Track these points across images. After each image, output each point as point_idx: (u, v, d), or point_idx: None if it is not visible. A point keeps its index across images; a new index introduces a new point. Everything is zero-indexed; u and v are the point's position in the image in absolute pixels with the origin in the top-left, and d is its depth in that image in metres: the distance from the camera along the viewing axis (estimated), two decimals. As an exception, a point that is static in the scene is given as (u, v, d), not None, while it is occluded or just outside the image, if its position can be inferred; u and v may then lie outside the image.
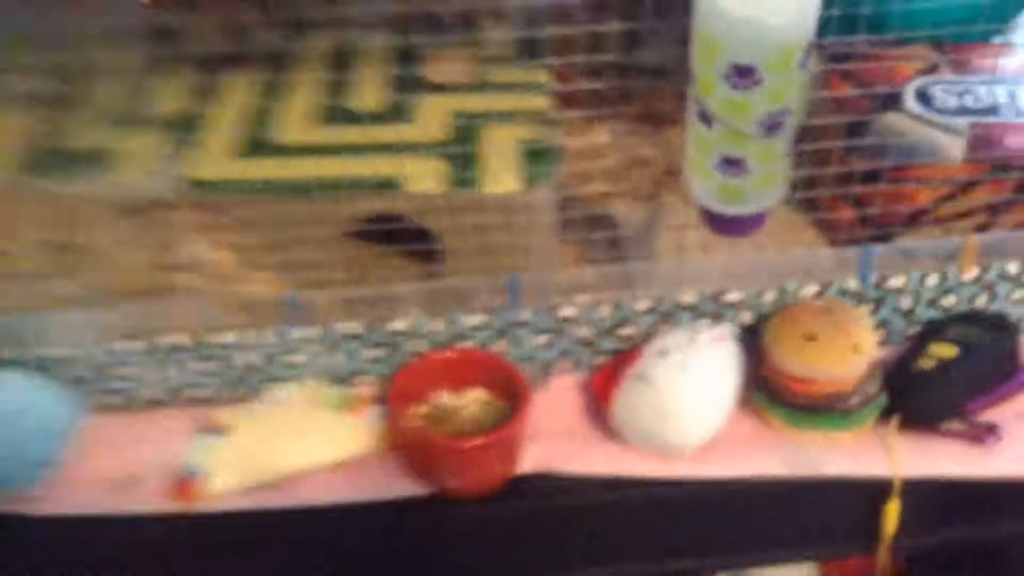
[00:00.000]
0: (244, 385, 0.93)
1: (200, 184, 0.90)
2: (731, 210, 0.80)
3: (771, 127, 0.73)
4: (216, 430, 0.90)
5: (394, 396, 0.89)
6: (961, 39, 1.06)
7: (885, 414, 0.91)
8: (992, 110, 0.98)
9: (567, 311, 0.92)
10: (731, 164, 0.76)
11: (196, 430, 0.91)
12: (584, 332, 0.94)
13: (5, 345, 0.89)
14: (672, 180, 1.05)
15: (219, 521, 0.86)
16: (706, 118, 0.75)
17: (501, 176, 0.92)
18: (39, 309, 0.90)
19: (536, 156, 0.94)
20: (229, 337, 0.90)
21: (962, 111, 0.98)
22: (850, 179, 0.98)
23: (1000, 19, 1.13)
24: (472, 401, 0.91)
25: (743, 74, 0.69)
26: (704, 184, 0.79)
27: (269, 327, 0.90)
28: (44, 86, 0.98)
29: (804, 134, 0.93)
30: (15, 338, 0.89)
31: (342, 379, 0.94)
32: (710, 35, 0.69)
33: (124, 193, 0.90)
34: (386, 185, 0.90)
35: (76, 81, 0.99)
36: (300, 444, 0.89)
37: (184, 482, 0.87)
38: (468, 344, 0.93)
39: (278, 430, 0.90)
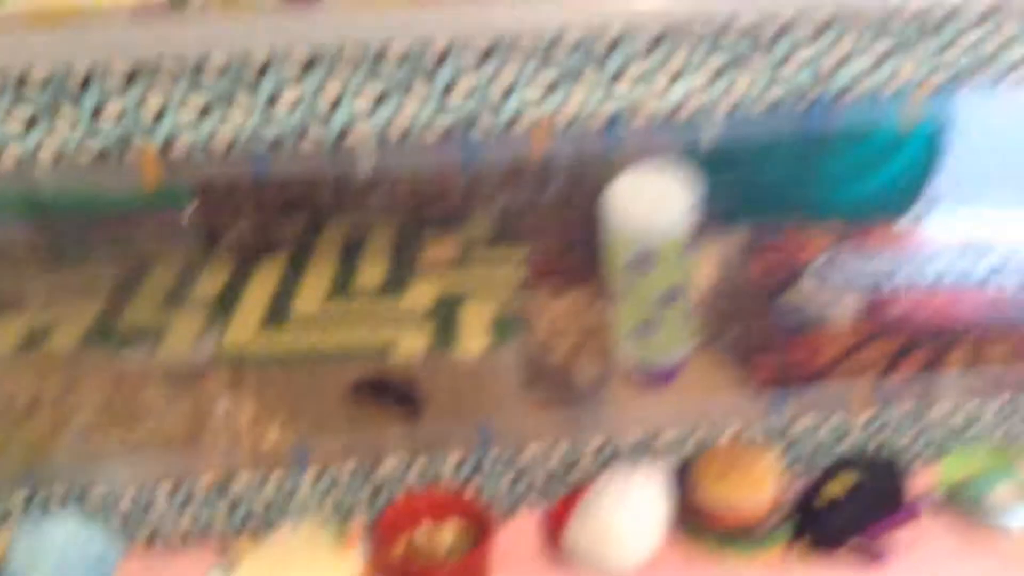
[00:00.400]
0: (256, 521, 1.10)
1: (230, 353, 1.11)
2: (648, 366, 0.99)
3: (669, 300, 0.93)
4: (229, 563, 1.06)
5: (381, 530, 1.05)
6: (863, 222, 1.27)
7: (794, 538, 1.05)
8: (881, 283, 1.17)
9: (528, 452, 1.10)
10: (643, 329, 0.96)
11: (213, 563, 1.07)
12: (543, 471, 1.11)
13: (61, 487, 1.06)
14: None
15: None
16: (621, 294, 0.95)
17: (474, 341, 1.12)
18: (92, 456, 1.08)
19: (504, 324, 1.14)
20: (246, 478, 1.08)
21: (857, 283, 1.17)
22: (767, 337, 1.16)
23: (898, 208, 1.34)
24: (448, 534, 1.06)
25: (641, 263, 0.90)
26: (624, 347, 0.99)
27: (279, 470, 1.08)
28: (108, 275, 1.21)
29: (730, 299, 1.13)
30: (70, 481, 1.06)
31: (339, 515, 1.11)
32: (616, 234, 0.91)
33: (169, 361, 1.11)
34: (379, 352, 1.11)
35: (134, 271, 1.22)
36: None
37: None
38: (445, 483, 1.10)
39: (282, 563, 1.05)
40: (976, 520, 1.07)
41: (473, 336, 1.12)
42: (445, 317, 1.15)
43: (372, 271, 1.25)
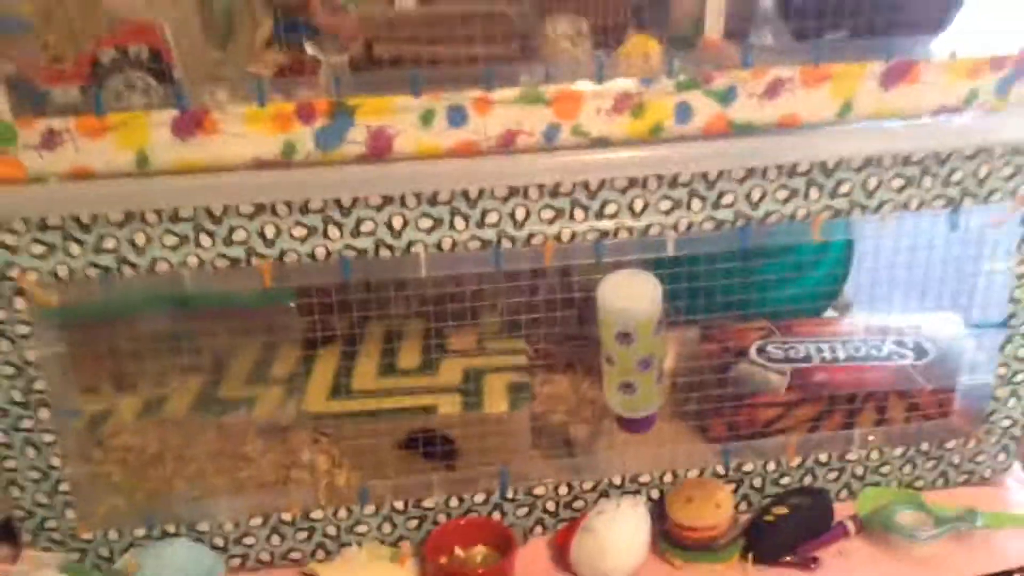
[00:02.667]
0: (326, 548, 1.40)
1: (308, 415, 1.44)
2: (629, 415, 1.33)
3: (645, 366, 1.27)
4: (310, 577, 1.36)
5: (428, 549, 1.35)
6: (791, 316, 1.61)
7: (744, 552, 1.36)
8: (805, 359, 1.52)
9: (539, 491, 1.41)
10: (625, 387, 1.29)
11: (292, 581, 1.37)
12: (550, 505, 1.43)
13: (173, 524, 1.36)
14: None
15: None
16: (609, 361, 1.29)
17: (495, 404, 1.44)
18: (200, 498, 1.38)
19: (517, 392, 1.47)
20: (320, 513, 1.39)
21: (786, 360, 1.52)
22: (718, 402, 1.49)
23: (818, 306, 1.70)
24: (478, 554, 1.37)
25: (624, 337, 1.24)
26: (613, 400, 1.32)
27: (346, 506, 1.39)
28: (207, 360, 1.54)
29: (689, 374, 1.46)
30: (182, 516, 1.36)
31: (392, 540, 1.41)
32: (604, 316, 1.25)
33: (261, 421, 1.43)
34: (423, 411, 1.43)
35: (227, 356, 1.55)
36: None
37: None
38: (474, 515, 1.41)
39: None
40: (889, 537, 1.37)
41: (495, 402, 1.45)
42: (472, 387, 1.48)
43: (410, 356, 1.58)
